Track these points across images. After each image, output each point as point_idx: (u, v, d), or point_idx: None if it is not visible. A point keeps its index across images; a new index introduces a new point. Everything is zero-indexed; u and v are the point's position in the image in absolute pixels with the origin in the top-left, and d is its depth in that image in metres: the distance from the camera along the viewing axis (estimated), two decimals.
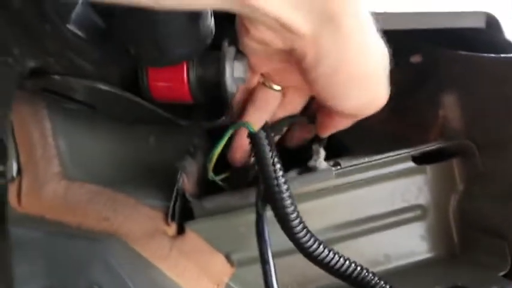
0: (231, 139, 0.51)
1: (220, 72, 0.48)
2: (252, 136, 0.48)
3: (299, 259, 0.51)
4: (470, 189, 0.54)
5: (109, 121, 0.54)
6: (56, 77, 0.44)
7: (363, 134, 0.64)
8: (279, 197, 0.43)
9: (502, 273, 0.47)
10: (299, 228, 0.43)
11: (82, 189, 0.52)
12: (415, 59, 0.62)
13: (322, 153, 0.51)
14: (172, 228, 0.52)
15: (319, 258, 0.44)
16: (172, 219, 0.51)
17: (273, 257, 0.51)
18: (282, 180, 0.44)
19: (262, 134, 0.47)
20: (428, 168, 0.55)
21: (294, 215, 0.43)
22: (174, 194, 0.51)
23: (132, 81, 0.49)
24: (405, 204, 0.54)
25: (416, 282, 0.49)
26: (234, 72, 0.49)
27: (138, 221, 0.51)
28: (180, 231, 0.52)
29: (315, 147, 0.51)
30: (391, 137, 0.61)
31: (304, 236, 0.43)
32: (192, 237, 0.51)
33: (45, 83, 0.45)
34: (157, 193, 0.53)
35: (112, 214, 0.51)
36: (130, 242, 0.49)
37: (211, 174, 0.51)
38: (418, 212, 0.55)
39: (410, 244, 0.54)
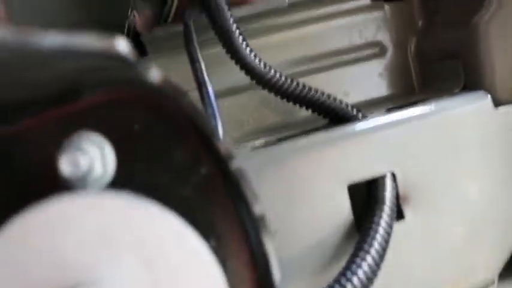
0: None
1: None
2: None
3: (254, 96, 0.51)
4: (428, 25, 0.53)
5: None
6: None
7: None
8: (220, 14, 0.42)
9: (456, 91, 0.47)
10: (238, 40, 0.42)
11: None
12: None
13: None
14: None
15: (263, 77, 0.43)
16: None
17: (227, 95, 0.51)
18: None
19: None
20: (387, 6, 0.54)
21: (233, 25, 0.42)
22: (125, 30, 0.49)
23: None
24: (363, 41, 0.54)
25: (373, 109, 0.49)
26: None
27: None
28: None
29: None
30: None
31: (246, 52, 0.43)
32: None
33: None
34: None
35: None
36: None
37: None
38: (377, 50, 0.54)
39: (369, 81, 0.54)
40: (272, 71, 0.44)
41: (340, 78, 0.53)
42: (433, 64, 0.52)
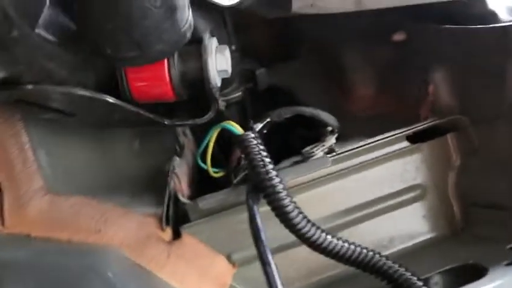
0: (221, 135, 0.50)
1: (203, 67, 0.46)
2: (236, 137, 0.46)
3: (301, 252, 0.50)
4: (467, 163, 0.53)
5: (89, 129, 0.52)
6: (29, 86, 0.41)
7: (353, 121, 0.63)
8: (271, 191, 0.42)
9: (510, 246, 0.46)
10: (296, 218, 0.42)
11: (68, 202, 0.49)
12: (398, 37, 0.60)
13: (332, 140, 0.50)
14: (167, 233, 0.49)
15: (320, 245, 0.42)
16: (167, 223, 0.49)
17: (275, 252, 0.49)
18: (274, 174, 0.42)
19: (247, 135, 0.45)
20: (423, 146, 0.54)
21: (289, 206, 0.42)
22: (166, 197, 0.48)
23: (110, 84, 0.46)
24: (404, 185, 0.53)
25: (427, 263, 0.48)
26: (217, 66, 0.47)
27: (131, 230, 0.49)
28: (176, 235, 0.50)
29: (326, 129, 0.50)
30: (380, 119, 0.60)
31: (303, 225, 0.42)
32: (189, 240, 0.49)
33: (18, 93, 0.42)
34: (148, 198, 0.51)
35: (103, 225, 0.49)
36: (126, 251, 0.47)
37: (211, 170, 0.50)
38: (418, 192, 0.54)
39: (413, 225, 0.53)
40: (320, 233, 0.42)
41: (384, 225, 0.52)
42: (476, 207, 0.52)
